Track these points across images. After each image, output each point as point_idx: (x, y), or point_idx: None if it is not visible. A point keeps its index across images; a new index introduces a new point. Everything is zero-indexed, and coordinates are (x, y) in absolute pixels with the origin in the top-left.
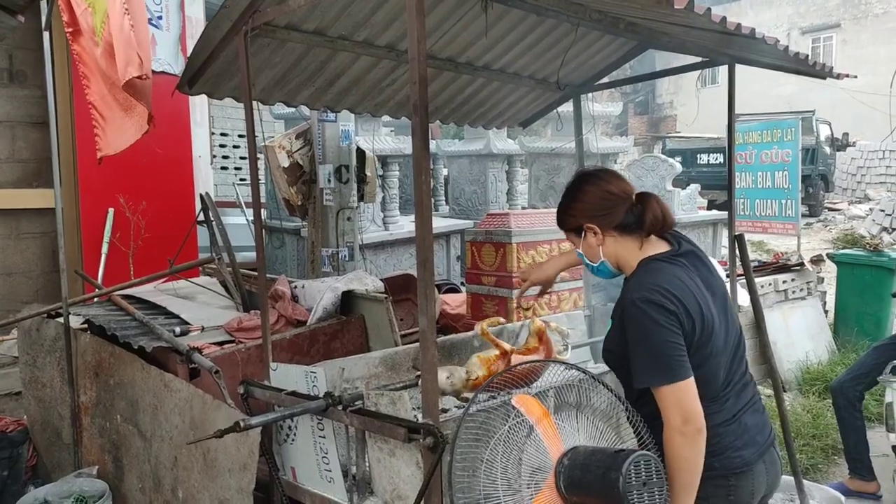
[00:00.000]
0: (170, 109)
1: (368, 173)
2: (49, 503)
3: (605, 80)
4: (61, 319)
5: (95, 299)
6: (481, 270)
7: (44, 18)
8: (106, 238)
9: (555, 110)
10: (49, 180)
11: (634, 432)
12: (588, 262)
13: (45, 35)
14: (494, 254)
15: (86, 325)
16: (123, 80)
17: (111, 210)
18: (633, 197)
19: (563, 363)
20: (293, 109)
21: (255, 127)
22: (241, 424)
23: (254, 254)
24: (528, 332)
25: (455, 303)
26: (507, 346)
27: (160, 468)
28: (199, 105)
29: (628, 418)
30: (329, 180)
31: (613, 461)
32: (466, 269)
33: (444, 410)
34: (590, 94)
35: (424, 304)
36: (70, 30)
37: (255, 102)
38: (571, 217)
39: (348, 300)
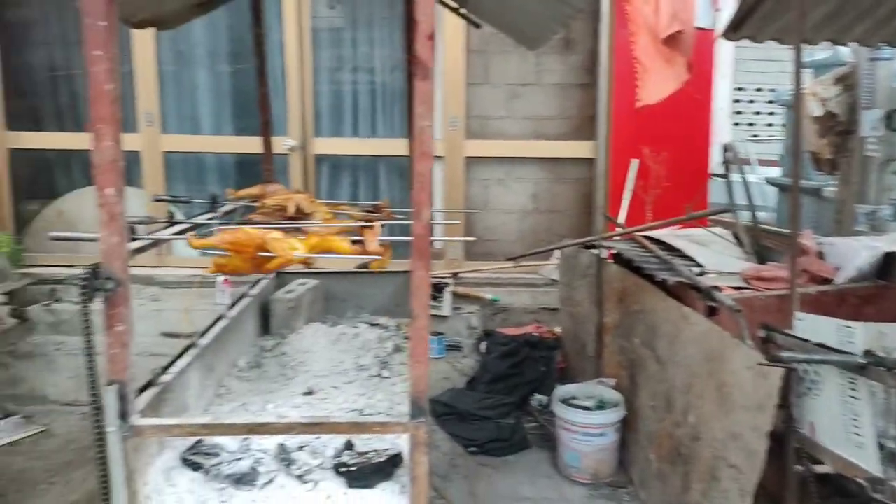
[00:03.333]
0: (696, 62)
1: None
2: (576, 398)
3: None
4: (594, 251)
5: (618, 238)
6: None
7: None
8: (629, 186)
9: None
10: (585, 133)
11: None
12: None
13: (604, 3)
14: None
15: (611, 258)
16: (665, 35)
17: (635, 161)
18: None
19: None
20: (823, 57)
21: (783, 78)
22: (782, 357)
23: (764, 214)
24: None
25: None
26: None
27: (673, 391)
28: (725, 56)
29: None
30: (875, 127)
31: None
32: None
33: None
34: None
35: None
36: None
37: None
38: None
39: (888, 264)
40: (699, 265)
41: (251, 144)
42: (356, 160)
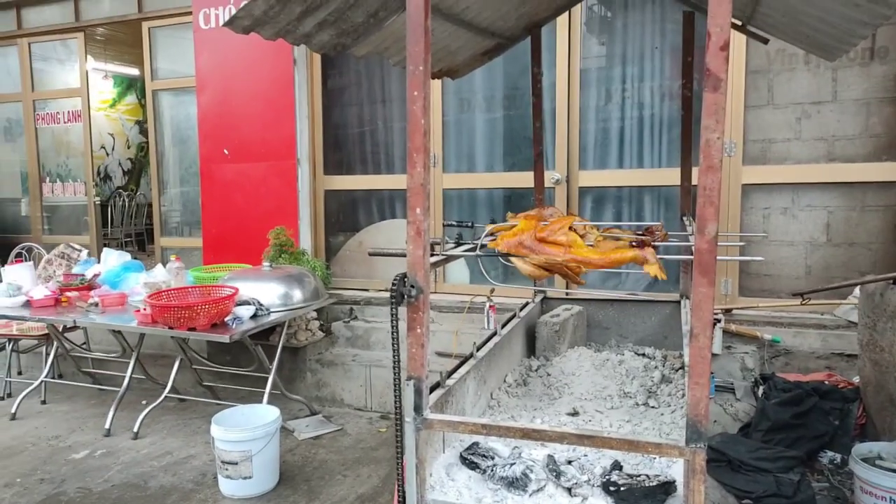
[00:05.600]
0: None
1: None
2: (882, 459)
3: None
4: None
5: None
6: None
7: None
8: None
9: None
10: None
11: None
12: None
13: None
14: None
15: None
16: None
17: None
18: None
19: None
20: None
21: None
22: None
23: None
24: None
25: None
26: None
27: None
28: None
29: None
30: None
31: None
32: None
33: None
34: None
35: None
36: None
37: None
38: None
39: None
40: None
41: (519, 179)
42: (620, 191)
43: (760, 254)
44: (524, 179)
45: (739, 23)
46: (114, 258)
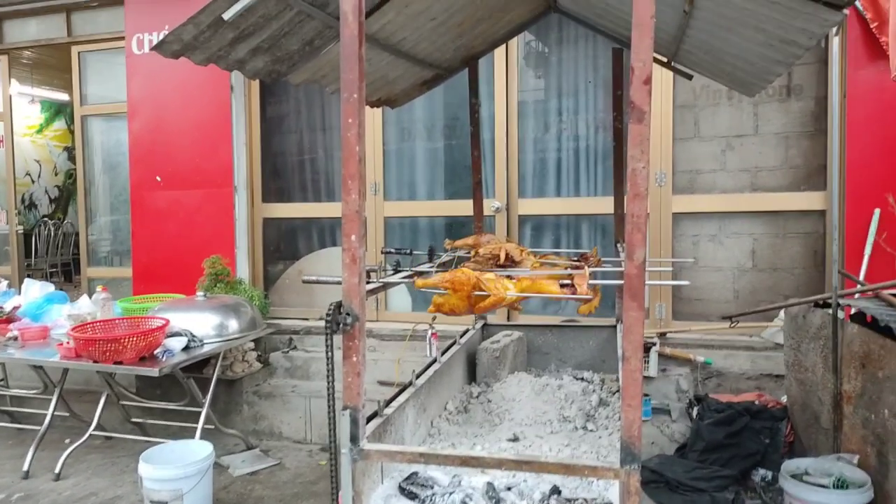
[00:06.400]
0: None
1: None
2: (809, 475)
3: None
4: (828, 310)
5: (857, 295)
6: None
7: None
8: (870, 238)
9: None
10: (814, 184)
11: None
12: None
13: (835, 42)
14: None
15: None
16: None
17: (877, 210)
18: None
19: None
20: None
21: None
22: None
23: None
24: None
25: None
26: None
27: None
28: None
29: None
30: None
31: None
32: None
33: None
34: None
35: None
36: (875, 24)
37: None
38: None
39: None
40: None
41: (459, 207)
42: (558, 219)
43: (691, 279)
44: (464, 207)
45: (665, 59)
46: (36, 289)
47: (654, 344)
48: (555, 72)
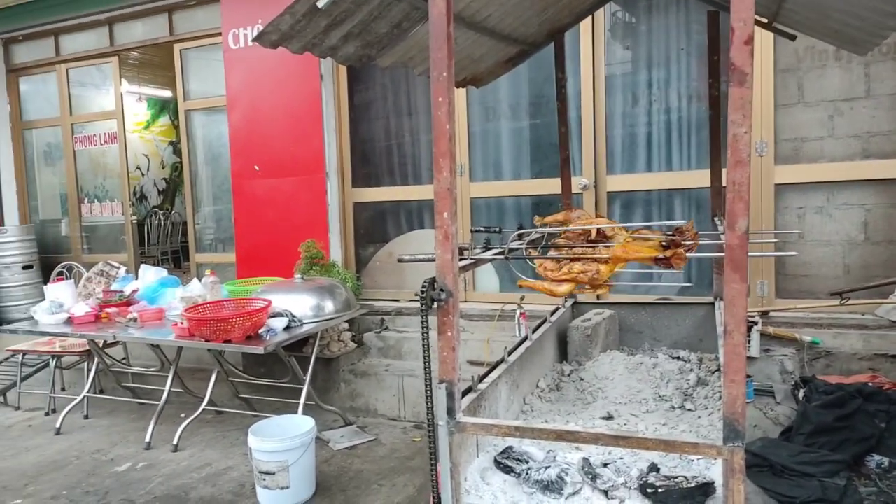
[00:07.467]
0: None
1: None
2: None
3: None
4: None
5: None
6: None
7: None
8: None
9: None
10: None
11: None
12: None
13: None
14: None
15: None
16: None
17: None
18: None
19: None
20: None
21: None
22: None
23: None
24: None
25: None
26: None
27: None
28: None
29: None
30: None
31: None
32: None
33: None
34: None
35: None
36: None
37: None
38: None
39: None
40: None
41: (546, 185)
42: (649, 195)
43: (797, 256)
44: (551, 186)
45: (765, 20)
46: (151, 274)
47: (756, 323)
48: (644, 42)
